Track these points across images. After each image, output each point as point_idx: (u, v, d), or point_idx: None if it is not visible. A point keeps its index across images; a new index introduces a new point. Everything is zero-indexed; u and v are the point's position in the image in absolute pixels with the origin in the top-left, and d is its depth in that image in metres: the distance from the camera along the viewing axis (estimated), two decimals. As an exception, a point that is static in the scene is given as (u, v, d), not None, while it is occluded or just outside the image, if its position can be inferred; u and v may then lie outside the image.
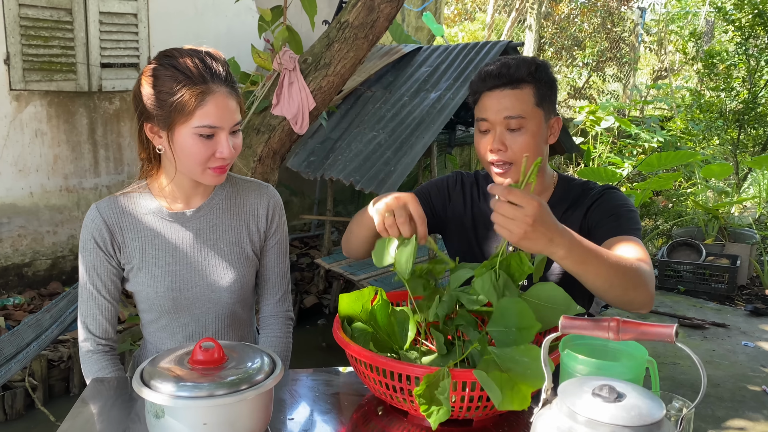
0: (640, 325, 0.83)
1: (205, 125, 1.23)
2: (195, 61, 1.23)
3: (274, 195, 1.47)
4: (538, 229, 1.02)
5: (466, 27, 11.29)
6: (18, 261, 3.80)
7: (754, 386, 3.10)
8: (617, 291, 1.15)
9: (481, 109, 1.40)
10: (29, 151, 3.75)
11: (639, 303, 1.19)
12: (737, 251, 4.63)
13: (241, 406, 0.97)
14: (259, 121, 2.79)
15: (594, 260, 1.10)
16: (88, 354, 1.36)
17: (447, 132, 4.74)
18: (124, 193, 1.37)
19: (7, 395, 2.86)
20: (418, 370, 0.99)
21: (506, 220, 1.02)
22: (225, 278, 1.38)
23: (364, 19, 2.61)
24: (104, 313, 1.36)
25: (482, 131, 1.40)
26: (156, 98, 1.23)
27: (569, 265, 1.10)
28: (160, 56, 1.26)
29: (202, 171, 1.27)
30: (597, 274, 1.11)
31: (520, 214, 1.01)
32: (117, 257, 1.35)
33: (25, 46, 3.58)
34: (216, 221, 1.39)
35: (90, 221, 1.34)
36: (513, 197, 1.01)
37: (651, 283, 1.20)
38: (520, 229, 1.01)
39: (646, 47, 11.41)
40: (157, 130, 1.27)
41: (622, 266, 1.14)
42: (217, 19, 4.51)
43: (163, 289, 1.34)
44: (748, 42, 6.05)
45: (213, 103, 1.22)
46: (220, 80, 1.24)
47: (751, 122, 6.10)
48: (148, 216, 1.35)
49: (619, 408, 0.76)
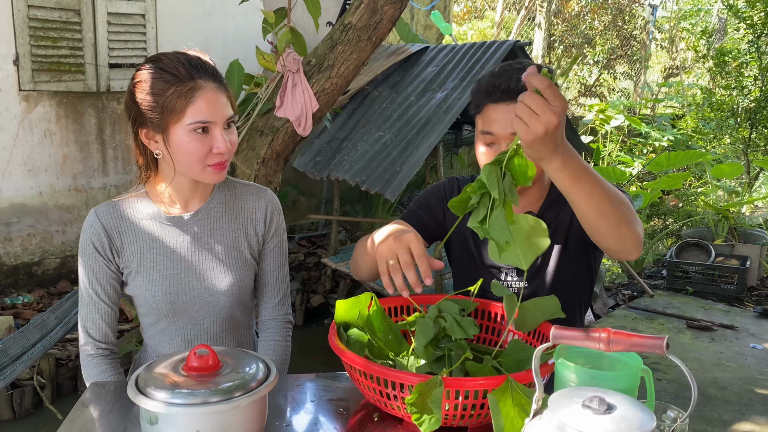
0: (631, 336, 0.82)
1: (198, 121, 1.24)
2: (181, 60, 1.26)
3: (273, 199, 1.47)
4: (554, 133, 0.97)
5: (475, 25, 11.25)
6: (27, 260, 3.84)
7: (762, 389, 3.07)
8: (609, 222, 1.12)
9: (486, 121, 1.37)
10: (38, 151, 3.78)
11: (630, 242, 1.16)
12: (747, 252, 4.58)
13: (234, 412, 0.97)
14: (263, 123, 2.80)
15: (588, 178, 1.07)
16: (88, 358, 1.38)
17: (453, 132, 4.74)
18: (122, 198, 1.38)
19: (15, 393, 2.89)
20: (412, 378, 0.99)
21: (530, 115, 0.96)
22: (223, 282, 1.38)
23: (368, 21, 2.61)
24: (104, 318, 1.37)
25: (486, 144, 1.39)
26: (147, 102, 1.25)
27: (563, 179, 1.06)
28: (147, 61, 1.29)
29: (201, 169, 1.28)
30: (590, 193, 1.08)
31: (548, 111, 0.95)
32: (116, 261, 1.36)
33: (34, 47, 3.62)
34: (214, 225, 1.40)
35: (89, 226, 1.35)
36: (550, 91, 0.95)
37: (641, 227, 1.18)
38: (540, 126, 0.96)
39: (658, 45, 11.31)
40: (152, 135, 1.28)
41: (615, 195, 1.12)
42: (225, 20, 4.52)
43: (161, 292, 1.35)
44: (760, 40, 5.98)
45: (203, 98, 1.25)
46: (207, 76, 1.26)
47: (763, 121, 6.04)
48: (146, 220, 1.36)
49: (609, 420, 0.75)
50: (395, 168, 3.57)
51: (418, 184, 5.25)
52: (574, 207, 1.12)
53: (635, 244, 1.17)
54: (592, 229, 1.16)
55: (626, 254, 1.19)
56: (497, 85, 1.34)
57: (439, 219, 1.57)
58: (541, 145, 0.99)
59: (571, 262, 1.45)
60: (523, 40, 7.55)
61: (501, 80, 1.34)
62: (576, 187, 1.07)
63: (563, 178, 1.06)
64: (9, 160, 3.67)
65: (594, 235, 1.18)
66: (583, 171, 1.06)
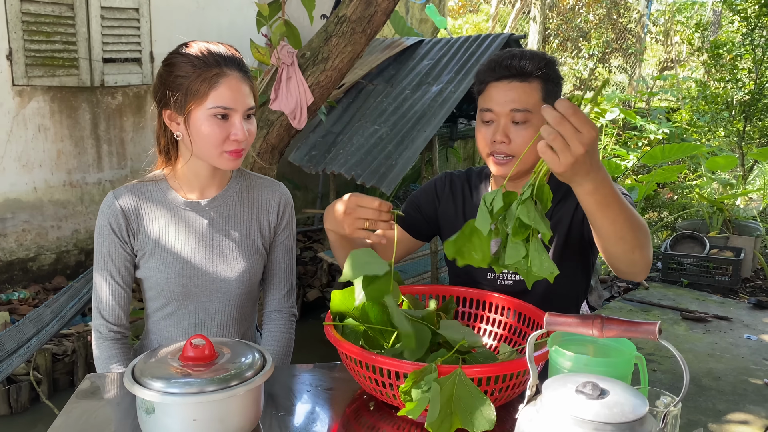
0: (623, 322, 0.83)
1: (219, 106, 1.28)
2: (209, 48, 1.31)
3: (286, 193, 1.52)
4: (585, 160, 0.93)
5: (470, 19, 11.23)
6: (23, 256, 3.83)
7: (756, 379, 3.09)
8: (626, 246, 1.10)
9: (487, 99, 1.38)
10: (32, 147, 3.77)
11: (640, 266, 1.16)
12: (741, 244, 4.60)
13: (230, 402, 0.98)
14: (258, 116, 2.79)
15: (616, 205, 1.04)
16: (100, 340, 1.40)
17: (449, 125, 4.74)
18: (140, 181, 1.41)
19: (12, 389, 2.89)
20: (406, 366, 1.00)
21: (560, 143, 0.91)
22: (235, 268, 1.41)
23: (362, 13, 2.60)
24: (117, 299, 1.40)
25: (485, 122, 1.39)
26: (172, 84, 1.30)
27: (592, 203, 1.02)
28: (179, 47, 1.34)
29: (218, 154, 1.32)
30: (614, 221, 1.05)
31: (577, 139, 0.90)
32: (131, 243, 1.39)
33: (27, 42, 3.60)
34: (229, 212, 1.43)
35: (106, 207, 1.37)
36: (577, 118, 0.90)
37: (651, 251, 1.18)
38: (570, 156, 0.91)
39: (653, 38, 11.32)
40: (174, 117, 1.32)
41: (636, 221, 1.10)
42: (219, 13, 4.50)
43: (174, 275, 1.37)
44: (754, 32, 5.99)
45: (226, 85, 1.29)
46: (233, 65, 1.31)
47: (757, 113, 6.06)
48: (163, 204, 1.39)
49: (602, 405, 0.76)
50: (391, 162, 3.57)
51: (413, 177, 5.26)
52: (595, 228, 1.10)
53: (644, 268, 1.17)
54: (607, 252, 1.14)
55: (633, 276, 1.20)
56: (500, 62, 1.36)
57: (431, 217, 1.59)
58: (572, 171, 0.95)
59: (573, 256, 1.46)
60: (518, 33, 7.53)
61: (503, 58, 1.37)
62: (602, 213, 1.04)
63: (592, 202, 1.02)
64: (3, 155, 3.66)
65: (607, 256, 1.17)
66: (612, 198, 1.03)
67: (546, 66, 1.36)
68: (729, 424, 2.71)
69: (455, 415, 0.95)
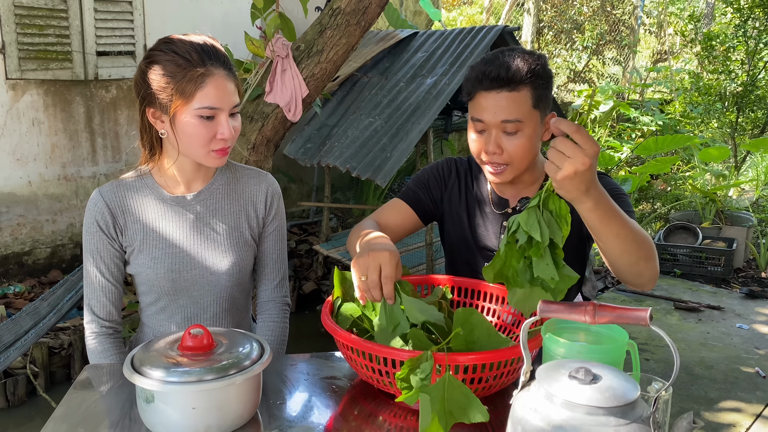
0: (615, 308, 0.85)
1: (206, 107, 1.27)
2: (194, 45, 1.28)
3: (273, 183, 1.51)
4: (584, 174, 1.01)
5: (464, 11, 11.21)
6: (18, 250, 3.83)
7: (748, 368, 3.13)
8: (630, 259, 1.15)
9: (477, 109, 1.38)
10: (27, 140, 3.76)
11: (647, 277, 1.19)
12: (734, 234, 4.64)
13: (229, 390, 0.99)
14: (253, 108, 2.80)
15: (617, 220, 1.10)
16: (92, 336, 1.40)
17: (443, 117, 4.74)
18: (126, 177, 1.41)
19: (9, 382, 2.89)
20: (402, 354, 1.01)
21: (561, 157, 1.01)
22: (224, 261, 1.41)
23: (356, 5, 2.60)
24: (108, 296, 1.40)
25: (477, 131, 1.40)
26: (157, 82, 1.27)
27: (593, 219, 1.09)
28: (160, 42, 1.30)
29: (205, 153, 1.31)
30: (617, 235, 1.11)
31: (579, 154, 0.99)
32: (119, 240, 1.39)
33: (20, 35, 3.58)
34: (216, 205, 1.43)
35: (93, 205, 1.37)
36: (579, 135, 1.00)
37: (657, 262, 1.21)
38: (571, 168, 1.00)
39: (646, 30, 11.33)
40: (159, 115, 1.30)
41: (639, 234, 1.15)
42: (213, 6, 4.49)
43: (163, 270, 1.38)
44: (746, 24, 6.01)
45: (212, 84, 1.27)
46: (218, 63, 1.29)
47: (749, 105, 6.09)
48: (150, 199, 1.39)
49: (594, 390, 0.78)
50: (386, 154, 3.57)
51: (408, 170, 5.27)
52: (599, 243, 1.15)
53: (651, 278, 1.20)
54: (614, 265, 1.19)
55: (641, 287, 1.23)
56: (487, 73, 1.34)
57: (437, 200, 1.59)
58: (571, 185, 1.02)
59: (570, 250, 1.47)
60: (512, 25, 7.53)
61: (491, 68, 1.34)
62: (605, 227, 1.10)
63: (594, 218, 1.09)
64: (-3, 149, 3.65)
65: (614, 269, 1.21)
66: (613, 213, 1.10)
67: (534, 69, 1.35)
68: (721, 412, 2.74)
69: (450, 414, 0.96)
